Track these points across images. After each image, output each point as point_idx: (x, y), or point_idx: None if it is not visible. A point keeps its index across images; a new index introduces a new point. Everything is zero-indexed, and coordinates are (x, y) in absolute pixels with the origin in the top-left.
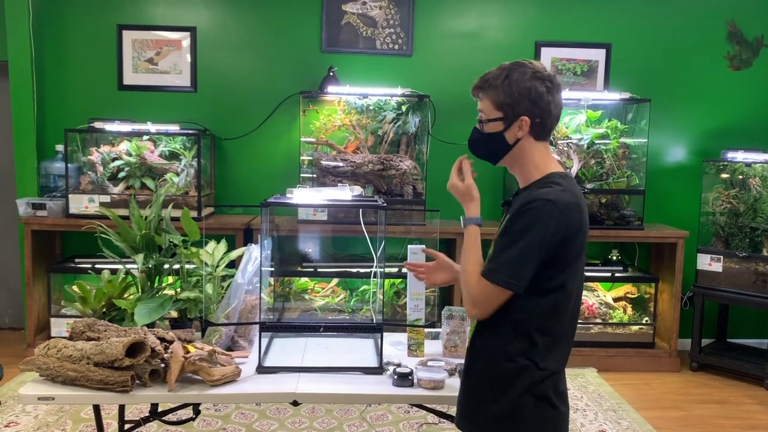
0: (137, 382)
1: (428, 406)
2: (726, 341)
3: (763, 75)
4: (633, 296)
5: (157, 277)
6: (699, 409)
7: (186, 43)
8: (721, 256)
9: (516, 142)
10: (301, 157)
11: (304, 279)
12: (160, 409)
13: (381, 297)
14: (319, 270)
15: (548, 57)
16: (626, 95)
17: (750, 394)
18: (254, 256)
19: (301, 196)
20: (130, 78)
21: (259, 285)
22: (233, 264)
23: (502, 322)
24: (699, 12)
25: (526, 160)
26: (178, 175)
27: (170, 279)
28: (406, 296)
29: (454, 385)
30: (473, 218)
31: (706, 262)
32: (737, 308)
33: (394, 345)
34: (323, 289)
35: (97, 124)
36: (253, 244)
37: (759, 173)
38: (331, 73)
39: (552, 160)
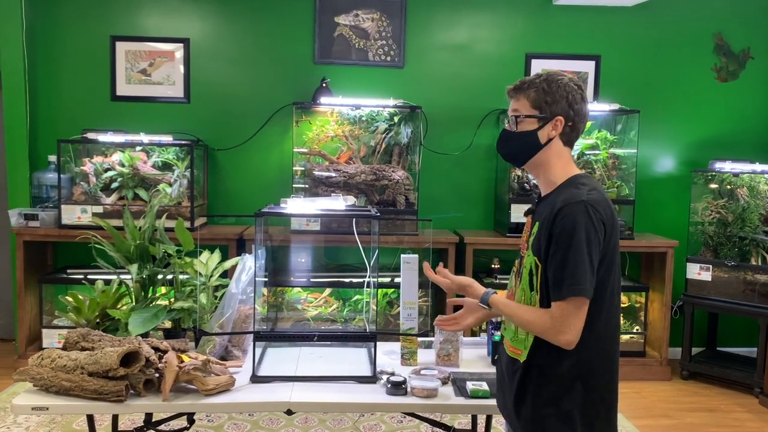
0: (131, 391)
1: (422, 414)
2: (716, 350)
3: (749, 86)
4: (623, 305)
5: (151, 287)
6: (689, 418)
7: (179, 54)
8: (711, 266)
9: (547, 142)
10: (294, 168)
11: (297, 289)
12: (154, 419)
13: (374, 306)
14: (312, 280)
15: (538, 69)
16: (615, 106)
17: (740, 402)
18: (248, 266)
19: (295, 206)
20: (123, 89)
21: (252, 295)
22: (227, 274)
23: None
24: (686, 25)
25: (552, 164)
26: (171, 185)
27: (164, 289)
28: (399, 306)
29: (447, 394)
30: (488, 291)
31: (696, 272)
32: (727, 317)
33: (388, 354)
34: (316, 299)
35: (90, 135)
36: (246, 254)
37: (746, 183)
38: (324, 85)
39: (574, 166)
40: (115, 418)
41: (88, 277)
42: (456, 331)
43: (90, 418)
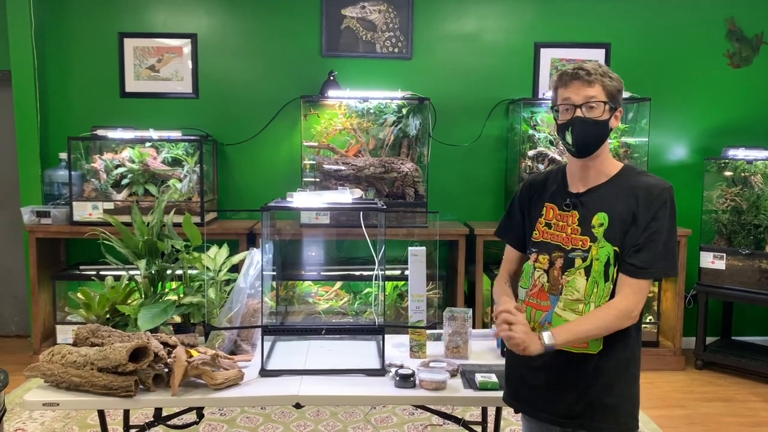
0: (141, 387)
1: (431, 407)
2: (730, 339)
3: (763, 72)
4: None
5: (160, 283)
6: (704, 407)
7: (187, 49)
8: (724, 254)
9: (610, 131)
10: (303, 162)
11: (308, 282)
12: (164, 414)
13: (382, 299)
14: (322, 273)
15: (548, 58)
16: (626, 95)
17: (755, 391)
18: (256, 261)
19: (302, 199)
20: (131, 85)
21: (260, 289)
22: (236, 268)
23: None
24: (698, 10)
25: (606, 154)
26: (180, 181)
27: (173, 284)
28: (408, 298)
29: (455, 386)
30: (550, 345)
31: (709, 260)
32: (741, 306)
33: (397, 347)
34: (327, 292)
35: (100, 132)
36: (254, 248)
37: (761, 170)
38: (332, 78)
39: None
40: (126, 412)
41: (100, 273)
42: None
43: (101, 413)
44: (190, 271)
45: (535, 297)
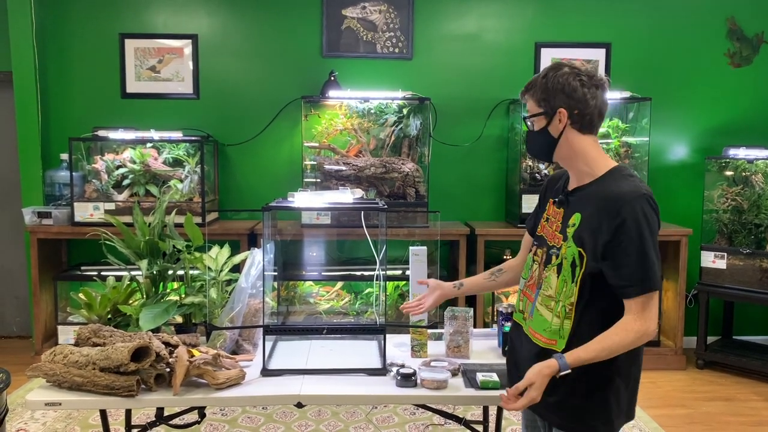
0: (143, 386)
1: (433, 406)
2: (732, 338)
3: (763, 71)
4: None
5: (162, 283)
6: (705, 407)
7: (188, 50)
8: (725, 254)
9: (560, 134)
10: (304, 162)
11: (309, 282)
12: (165, 413)
13: (383, 299)
14: (323, 273)
15: (548, 58)
16: (627, 94)
17: (757, 390)
18: (257, 261)
19: (303, 199)
20: (132, 86)
21: (262, 289)
22: (237, 268)
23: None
24: (698, 9)
25: (580, 154)
26: (182, 181)
27: (175, 284)
28: (409, 298)
29: (457, 385)
30: (563, 362)
31: (710, 260)
32: (742, 305)
33: (398, 346)
34: (328, 292)
35: (101, 133)
36: (255, 249)
37: (762, 170)
38: (332, 78)
39: (606, 155)
40: (128, 412)
41: (102, 273)
42: (419, 313)
43: (103, 413)
44: (191, 272)
45: (530, 288)
